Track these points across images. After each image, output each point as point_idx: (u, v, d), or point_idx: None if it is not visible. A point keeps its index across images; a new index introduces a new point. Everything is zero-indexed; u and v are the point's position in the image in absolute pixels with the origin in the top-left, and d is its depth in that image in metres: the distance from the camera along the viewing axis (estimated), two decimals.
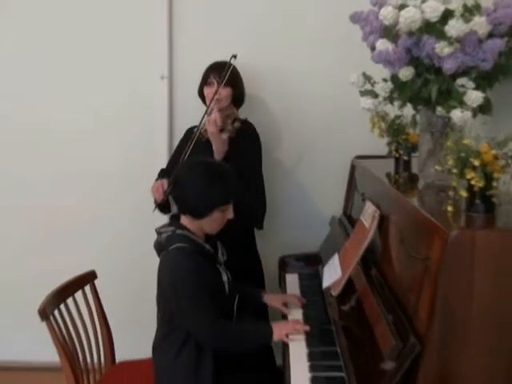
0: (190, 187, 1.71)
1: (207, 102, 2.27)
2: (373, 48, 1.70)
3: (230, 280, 1.85)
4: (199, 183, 1.70)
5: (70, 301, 1.93)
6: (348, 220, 2.24)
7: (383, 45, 1.64)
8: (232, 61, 2.17)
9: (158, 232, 1.80)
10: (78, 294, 1.98)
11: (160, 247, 1.78)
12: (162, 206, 2.12)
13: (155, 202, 2.13)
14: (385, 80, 1.74)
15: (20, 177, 2.62)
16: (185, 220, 1.78)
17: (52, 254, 2.63)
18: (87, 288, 2.03)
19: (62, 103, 2.57)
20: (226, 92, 2.23)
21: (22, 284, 2.61)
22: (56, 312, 1.85)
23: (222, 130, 2.12)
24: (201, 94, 2.32)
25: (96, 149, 2.59)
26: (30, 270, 2.63)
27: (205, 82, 2.28)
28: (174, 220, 1.83)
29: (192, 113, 2.37)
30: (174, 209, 1.86)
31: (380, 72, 1.73)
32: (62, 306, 1.89)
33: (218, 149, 2.12)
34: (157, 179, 2.29)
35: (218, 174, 1.73)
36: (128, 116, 2.56)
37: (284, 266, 2.38)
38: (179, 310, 1.70)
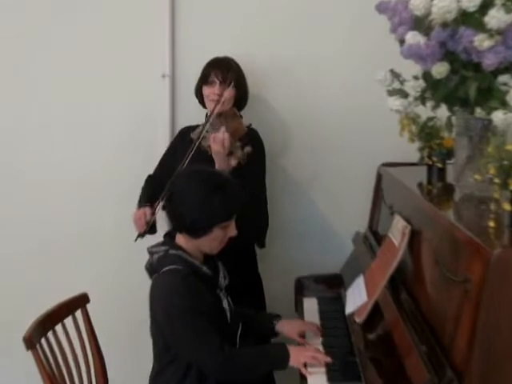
0: (187, 201, 1.70)
1: (207, 104, 2.30)
2: (402, 41, 1.70)
3: (232, 307, 1.84)
4: (197, 196, 1.69)
5: (58, 327, 1.94)
6: (374, 236, 2.24)
7: (414, 38, 1.64)
8: (231, 86, 2.20)
9: (150, 252, 1.80)
10: (68, 320, 1.99)
11: (152, 269, 1.78)
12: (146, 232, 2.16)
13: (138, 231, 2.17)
14: (416, 78, 1.74)
15: (12, 179, 2.65)
16: (180, 238, 1.77)
17: (42, 272, 2.66)
18: (78, 313, 2.04)
19: (54, 104, 2.61)
20: (228, 93, 2.24)
21: (4, 307, 2.64)
22: (43, 340, 1.86)
23: (230, 154, 2.09)
24: (198, 93, 2.34)
25: (91, 153, 2.62)
26: (13, 290, 2.66)
27: (205, 80, 2.29)
28: (168, 238, 1.82)
29: (195, 113, 2.40)
30: (165, 225, 1.87)
31: (410, 69, 1.74)
32: (50, 334, 1.90)
33: (222, 168, 2.08)
34: (143, 188, 2.32)
35: (218, 186, 1.71)
36: (127, 117, 2.60)
37: (301, 288, 2.38)
38: (176, 341, 1.70)
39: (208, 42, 2.50)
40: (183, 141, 2.28)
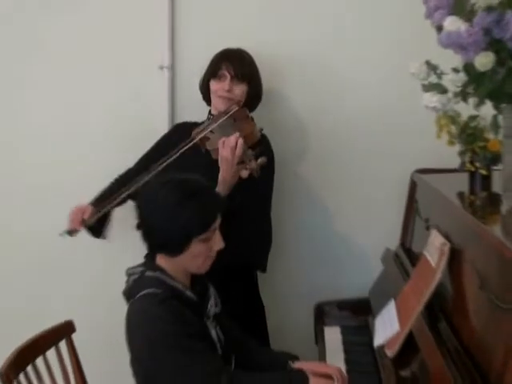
0: (156, 213, 1.71)
1: (214, 100, 2.32)
2: (439, 28, 1.71)
3: (222, 339, 1.83)
4: (167, 207, 1.69)
5: (39, 361, 1.95)
6: (407, 255, 2.24)
7: (453, 24, 1.64)
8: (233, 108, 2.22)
9: (127, 274, 1.81)
10: (51, 352, 2.00)
11: (128, 294, 1.78)
12: (92, 229, 2.23)
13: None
14: (456, 70, 1.74)
15: (9, 180, 2.70)
16: (161, 258, 1.78)
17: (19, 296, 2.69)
18: (62, 344, 2.05)
19: (43, 101, 2.65)
20: (239, 89, 2.27)
21: None
22: (22, 376, 1.85)
23: (241, 163, 2.08)
24: (204, 88, 2.37)
25: (83, 151, 2.65)
26: None
27: (213, 73, 2.31)
28: (149, 259, 1.82)
29: (197, 110, 2.43)
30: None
31: (449, 60, 1.74)
32: (30, 368, 1.90)
33: (227, 179, 2.07)
34: (107, 186, 2.34)
35: (190, 193, 1.71)
36: (121, 113, 2.63)
37: (321, 316, 2.38)
38: (162, 373, 1.68)
39: (215, 28, 2.53)
40: (181, 137, 2.27)
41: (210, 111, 2.39)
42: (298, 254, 2.67)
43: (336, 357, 2.06)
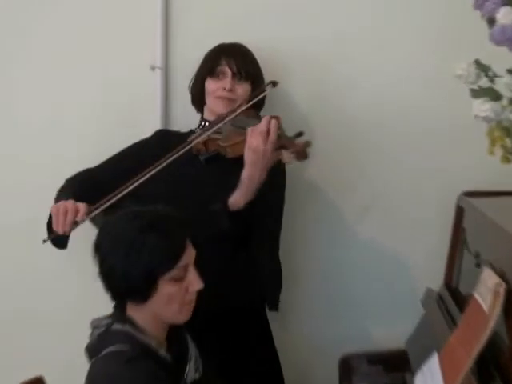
0: (113, 250, 1.71)
1: (211, 102, 2.34)
2: (491, 21, 1.71)
3: None
4: (123, 241, 1.70)
5: None
6: (453, 297, 2.23)
7: (508, 16, 1.65)
8: (268, 88, 2.26)
9: (92, 327, 1.80)
10: None
11: (92, 351, 1.76)
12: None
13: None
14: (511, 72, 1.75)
15: None
16: (131, 308, 1.76)
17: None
18: None
19: (28, 102, 2.70)
20: (242, 89, 2.30)
21: None
22: None
23: (281, 148, 2.04)
24: (196, 88, 2.40)
25: (68, 159, 2.66)
26: None
27: (211, 70, 2.34)
28: (119, 309, 1.80)
29: (194, 114, 2.46)
30: None
31: (503, 60, 1.75)
32: None
33: (255, 176, 2.02)
34: (69, 182, 2.33)
35: (150, 223, 1.71)
36: (110, 119, 2.67)
37: (348, 371, 2.37)
38: None
39: (213, 24, 2.57)
40: (163, 146, 2.26)
41: (202, 117, 2.41)
42: (313, 290, 2.68)
43: None
